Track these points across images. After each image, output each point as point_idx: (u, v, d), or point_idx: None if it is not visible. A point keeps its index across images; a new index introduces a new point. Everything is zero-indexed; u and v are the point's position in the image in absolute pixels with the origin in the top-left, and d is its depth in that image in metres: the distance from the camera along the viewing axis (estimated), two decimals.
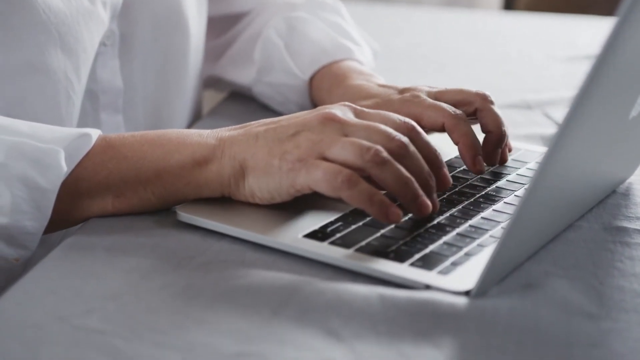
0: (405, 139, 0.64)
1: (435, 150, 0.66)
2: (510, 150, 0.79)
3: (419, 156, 0.64)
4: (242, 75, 1.01)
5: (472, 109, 0.77)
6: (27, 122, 0.68)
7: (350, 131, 0.64)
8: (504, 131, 0.76)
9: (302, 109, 0.95)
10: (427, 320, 0.55)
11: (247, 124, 0.68)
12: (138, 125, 0.91)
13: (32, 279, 0.59)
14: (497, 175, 0.77)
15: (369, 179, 0.63)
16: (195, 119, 1.03)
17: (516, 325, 0.55)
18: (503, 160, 0.77)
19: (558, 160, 0.55)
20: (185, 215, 0.67)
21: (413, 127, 0.66)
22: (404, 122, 0.66)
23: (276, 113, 0.97)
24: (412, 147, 0.64)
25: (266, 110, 0.99)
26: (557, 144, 0.53)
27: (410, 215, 0.67)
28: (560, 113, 1.01)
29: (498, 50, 1.36)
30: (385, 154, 0.62)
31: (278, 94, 0.96)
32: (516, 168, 0.78)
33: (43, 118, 0.79)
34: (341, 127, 0.64)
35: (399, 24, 1.55)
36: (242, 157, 0.65)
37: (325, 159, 0.63)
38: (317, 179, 0.62)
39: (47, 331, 0.53)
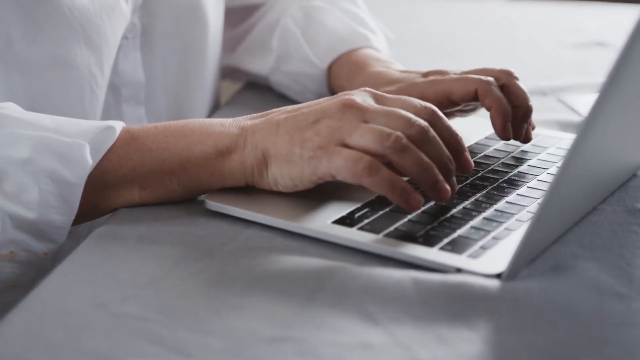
0: (425, 124, 0.64)
1: (457, 134, 0.67)
2: (533, 128, 0.80)
3: (439, 141, 0.65)
4: (259, 65, 1.01)
5: (499, 85, 0.77)
6: (51, 116, 0.68)
7: (370, 117, 0.65)
8: (530, 106, 0.76)
9: (319, 97, 0.95)
10: (461, 303, 0.56)
11: (268, 112, 0.69)
12: (160, 117, 0.92)
13: (67, 269, 0.60)
14: (519, 160, 0.77)
15: (389, 165, 0.64)
16: (214, 109, 1.04)
17: (548, 306, 0.56)
18: (527, 139, 0.78)
19: (587, 145, 0.56)
20: (213, 203, 0.67)
21: (434, 112, 0.66)
22: (424, 107, 0.66)
23: (293, 102, 0.98)
24: (432, 132, 0.64)
25: (283, 99, 0.99)
26: (587, 129, 0.54)
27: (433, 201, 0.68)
28: (573, 99, 1.01)
29: (507, 37, 1.37)
30: (405, 140, 0.63)
31: (295, 82, 0.97)
32: (536, 153, 0.79)
33: (67, 112, 0.79)
34: (361, 114, 0.65)
35: (406, 13, 1.55)
36: (264, 146, 0.65)
37: (346, 145, 0.63)
38: (338, 166, 0.63)
39: (87, 318, 0.54)
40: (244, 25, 1.06)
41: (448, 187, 0.64)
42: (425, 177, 0.63)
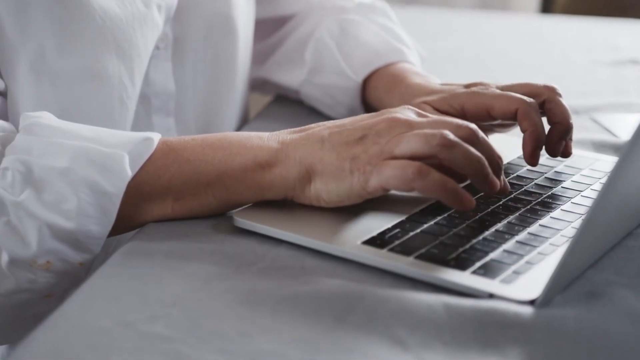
0: (473, 126, 0.65)
1: (498, 155, 0.66)
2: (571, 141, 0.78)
3: (487, 141, 0.65)
4: (290, 78, 1.01)
5: (540, 101, 0.77)
6: (89, 126, 0.68)
7: (416, 128, 0.65)
8: (571, 123, 0.76)
9: (350, 111, 0.94)
10: (493, 330, 0.55)
11: (307, 127, 0.68)
12: (189, 128, 0.92)
13: (94, 286, 0.59)
14: (553, 182, 0.76)
15: (439, 169, 0.63)
16: (244, 121, 1.03)
17: (585, 334, 0.54)
18: (567, 153, 0.77)
19: (628, 170, 0.55)
20: (242, 220, 0.67)
21: (475, 130, 0.65)
22: (466, 125, 0.65)
23: (324, 116, 0.97)
24: (481, 133, 0.65)
25: (313, 113, 0.99)
26: (629, 154, 0.53)
27: (468, 222, 0.66)
28: (607, 118, 1.00)
29: (540, 54, 1.35)
30: (452, 136, 0.63)
31: (327, 96, 0.96)
32: (571, 175, 0.78)
33: (96, 123, 0.79)
34: (407, 127, 0.65)
35: (436, 28, 1.54)
36: (309, 162, 0.65)
37: (394, 157, 0.63)
38: (388, 176, 0.63)
39: (114, 337, 0.53)
40: (274, 37, 1.05)
41: (498, 181, 0.65)
42: (475, 170, 0.64)
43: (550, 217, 0.69)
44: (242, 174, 0.66)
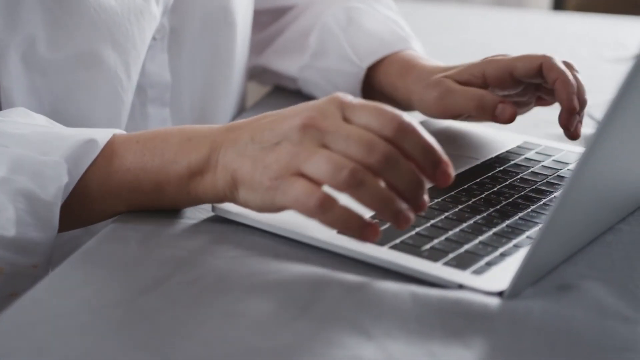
0: (387, 150, 0.58)
1: (430, 145, 0.59)
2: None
3: (405, 165, 0.59)
4: (289, 64, 1.01)
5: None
6: (40, 127, 0.68)
7: (329, 141, 0.59)
8: (585, 99, 0.77)
9: None
10: (458, 320, 0.54)
11: (242, 122, 0.65)
12: (184, 119, 0.92)
13: (66, 270, 0.60)
14: (538, 176, 0.76)
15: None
16: (240, 112, 1.04)
17: (549, 327, 0.54)
18: (576, 135, 0.77)
19: (595, 162, 0.54)
20: (220, 208, 0.67)
21: (402, 123, 0.59)
22: (393, 118, 0.59)
23: None
24: (395, 157, 0.58)
25: None
26: (594, 146, 0.52)
27: (447, 214, 0.66)
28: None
29: (547, 50, 1.34)
30: (361, 173, 0.58)
31: (327, 81, 0.96)
32: (556, 169, 0.77)
33: (90, 113, 0.79)
34: (320, 136, 0.60)
35: (447, 23, 1.54)
36: (233, 168, 0.63)
37: (302, 174, 0.60)
38: (291, 200, 0.59)
39: (77, 321, 0.53)
40: (272, 28, 1.05)
41: (410, 216, 0.59)
42: (384, 211, 0.59)
43: (532, 210, 0.69)
44: (178, 183, 0.65)
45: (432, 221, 0.65)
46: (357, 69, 0.94)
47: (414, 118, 0.60)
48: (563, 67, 0.75)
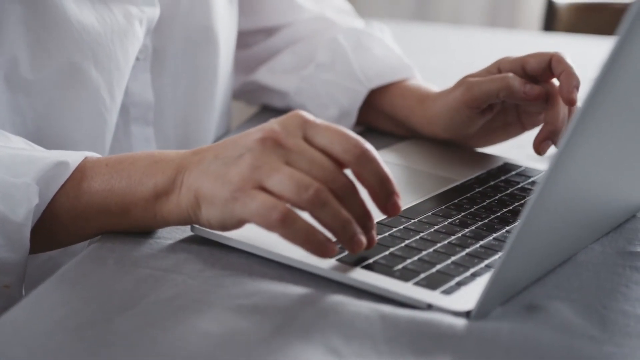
0: (347, 181, 0.60)
1: (387, 175, 0.61)
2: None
3: (359, 198, 0.61)
4: (283, 81, 1.02)
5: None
6: (13, 149, 0.69)
7: (293, 159, 0.61)
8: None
9: (342, 114, 0.97)
10: (427, 341, 0.55)
11: (209, 146, 0.66)
12: (168, 138, 0.93)
13: (44, 291, 0.61)
14: (515, 198, 0.77)
15: None
16: (225, 131, 1.05)
17: (517, 347, 0.55)
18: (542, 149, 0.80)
19: (559, 181, 0.55)
20: (198, 227, 0.68)
21: (363, 151, 0.61)
22: (354, 145, 0.61)
23: None
24: (353, 189, 0.61)
25: None
26: (557, 165, 0.53)
27: (421, 235, 0.67)
28: None
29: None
30: (325, 193, 0.59)
31: (327, 93, 0.98)
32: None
33: (73, 132, 0.81)
34: (284, 153, 0.61)
35: (436, 44, 1.55)
36: (196, 187, 0.63)
37: (264, 188, 0.61)
38: (252, 212, 0.60)
39: (54, 341, 0.54)
40: (260, 46, 1.07)
41: (364, 240, 0.61)
42: (342, 233, 0.60)
43: (506, 231, 0.70)
44: (144, 205, 0.66)
45: (407, 241, 0.67)
46: (361, 88, 0.96)
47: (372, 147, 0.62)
48: (571, 63, 0.79)
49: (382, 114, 0.96)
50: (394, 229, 0.68)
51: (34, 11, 0.77)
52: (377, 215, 0.69)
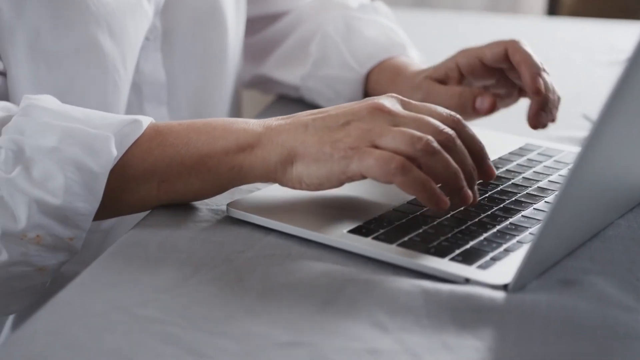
0: (452, 132, 0.66)
1: (480, 142, 0.68)
2: (553, 120, 0.83)
3: (465, 149, 0.66)
4: (291, 75, 1.04)
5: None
6: (82, 109, 0.71)
7: (400, 122, 0.66)
8: (554, 96, 0.81)
9: None
10: (468, 314, 0.57)
11: (294, 114, 0.70)
12: (181, 117, 0.95)
13: (91, 273, 0.62)
14: (539, 176, 0.79)
15: None
16: (236, 109, 1.07)
17: (555, 317, 0.57)
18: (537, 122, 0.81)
19: (591, 160, 0.57)
20: (235, 210, 0.70)
21: (459, 120, 0.67)
22: (450, 115, 0.67)
23: None
24: (458, 141, 0.66)
25: None
26: (590, 144, 0.55)
27: (452, 212, 0.69)
28: None
29: (541, 55, 1.37)
30: (435, 144, 0.64)
31: (329, 88, 0.99)
32: (557, 169, 0.80)
33: (90, 105, 0.82)
34: (391, 118, 0.66)
35: (441, 29, 1.57)
36: (291, 145, 0.66)
37: (377, 147, 0.65)
38: (370, 165, 0.64)
39: (109, 319, 0.56)
40: (267, 33, 1.09)
41: (471, 194, 0.66)
42: (452, 182, 0.65)
43: (533, 208, 0.72)
44: (223, 156, 0.68)
45: (439, 219, 0.68)
46: (357, 75, 0.97)
47: None
48: (528, 50, 0.79)
49: (372, 95, 0.98)
50: (425, 208, 0.70)
51: None
52: (410, 196, 0.71)
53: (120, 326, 0.55)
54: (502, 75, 0.86)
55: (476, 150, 0.67)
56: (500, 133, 0.90)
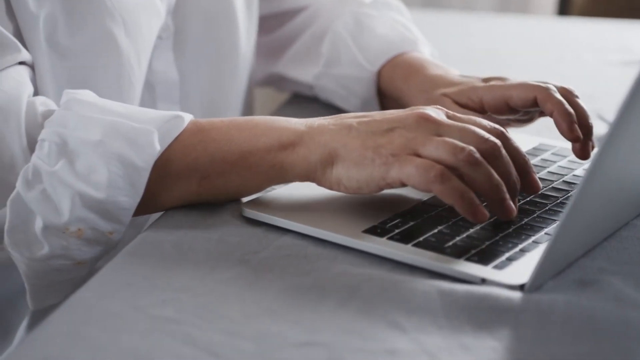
0: (497, 142, 0.65)
1: (525, 156, 0.68)
2: (593, 148, 0.78)
3: (509, 160, 0.66)
4: (304, 73, 1.04)
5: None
6: (122, 103, 0.71)
7: (444, 131, 0.66)
8: (591, 124, 0.76)
9: (364, 102, 0.98)
10: (485, 314, 0.57)
11: (338, 115, 0.70)
12: (195, 116, 0.95)
13: (107, 273, 0.63)
14: (553, 176, 0.78)
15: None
16: (248, 108, 1.07)
17: (572, 318, 0.57)
18: (586, 155, 0.76)
19: (608, 161, 0.57)
20: (250, 210, 0.70)
21: (503, 132, 0.67)
22: (495, 128, 0.67)
23: (338, 110, 1.00)
24: (503, 151, 0.66)
25: (329, 111, 1.01)
26: (608, 144, 0.55)
27: None
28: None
29: (553, 55, 1.37)
30: (478, 154, 0.64)
31: (342, 87, 0.99)
32: (571, 169, 0.80)
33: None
34: (435, 127, 0.66)
35: (452, 30, 1.57)
36: (333, 146, 0.67)
37: (419, 155, 0.65)
38: (409, 172, 0.64)
39: (126, 319, 0.56)
40: (282, 31, 1.09)
41: (514, 207, 0.65)
42: (494, 194, 0.64)
43: (549, 208, 0.72)
44: (265, 154, 0.68)
45: (453, 219, 0.68)
46: (368, 73, 0.97)
47: None
48: (559, 97, 0.76)
49: (384, 95, 0.97)
50: (440, 208, 0.70)
51: None
52: (423, 195, 0.71)
53: (137, 326, 0.56)
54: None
55: (520, 163, 0.67)
56: (514, 133, 0.90)
